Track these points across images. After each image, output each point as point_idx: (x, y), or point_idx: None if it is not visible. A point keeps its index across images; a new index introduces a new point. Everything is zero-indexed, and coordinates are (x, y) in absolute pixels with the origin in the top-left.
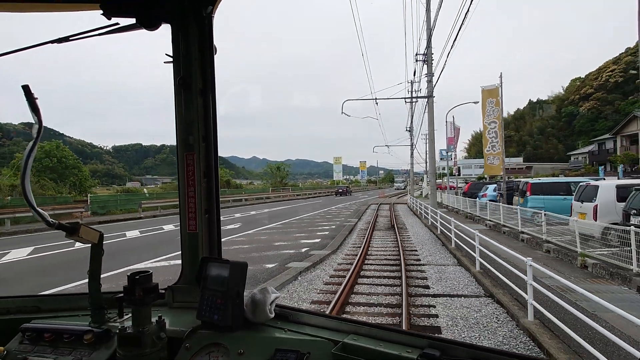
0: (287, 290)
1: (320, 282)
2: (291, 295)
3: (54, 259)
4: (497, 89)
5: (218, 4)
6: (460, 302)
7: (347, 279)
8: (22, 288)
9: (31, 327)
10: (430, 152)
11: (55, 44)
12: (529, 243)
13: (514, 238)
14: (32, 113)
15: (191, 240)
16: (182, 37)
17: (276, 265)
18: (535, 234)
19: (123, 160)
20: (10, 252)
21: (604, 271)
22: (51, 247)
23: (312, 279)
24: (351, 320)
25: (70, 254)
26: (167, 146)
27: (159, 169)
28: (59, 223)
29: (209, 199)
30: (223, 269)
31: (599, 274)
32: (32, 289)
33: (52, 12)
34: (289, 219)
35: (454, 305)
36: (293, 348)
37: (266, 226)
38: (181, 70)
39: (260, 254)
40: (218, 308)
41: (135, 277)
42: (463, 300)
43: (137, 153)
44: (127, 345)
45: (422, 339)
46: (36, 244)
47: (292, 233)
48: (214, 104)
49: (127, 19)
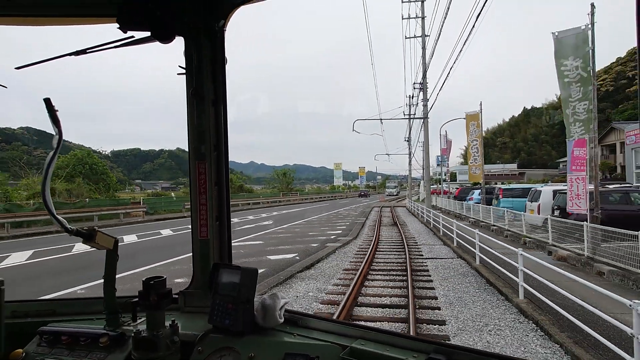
0: (331, 258)
1: (351, 254)
2: (334, 261)
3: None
4: (478, 114)
5: (230, 18)
6: (441, 261)
7: (369, 252)
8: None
9: (48, 330)
10: (425, 162)
11: (73, 56)
12: (496, 232)
13: (486, 229)
14: (53, 125)
15: (202, 247)
16: (195, 50)
17: (318, 245)
18: (500, 226)
19: (122, 164)
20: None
21: (535, 245)
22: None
23: (345, 252)
24: (359, 326)
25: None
26: (166, 151)
27: (158, 174)
28: (76, 230)
29: (220, 206)
30: (234, 274)
31: (531, 247)
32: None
33: (70, 26)
34: (308, 218)
35: (438, 262)
36: (302, 352)
37: (293, 223)
38: (194, 82)
39: (303, 239)
40: (229, 313)
41: (150, 283)
42: (443, 260)
43: (135, 158)
44: (142, 349)
45: (428, 344)
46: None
47: (318, 227)
48: (225, 113)
49: (142, 33)
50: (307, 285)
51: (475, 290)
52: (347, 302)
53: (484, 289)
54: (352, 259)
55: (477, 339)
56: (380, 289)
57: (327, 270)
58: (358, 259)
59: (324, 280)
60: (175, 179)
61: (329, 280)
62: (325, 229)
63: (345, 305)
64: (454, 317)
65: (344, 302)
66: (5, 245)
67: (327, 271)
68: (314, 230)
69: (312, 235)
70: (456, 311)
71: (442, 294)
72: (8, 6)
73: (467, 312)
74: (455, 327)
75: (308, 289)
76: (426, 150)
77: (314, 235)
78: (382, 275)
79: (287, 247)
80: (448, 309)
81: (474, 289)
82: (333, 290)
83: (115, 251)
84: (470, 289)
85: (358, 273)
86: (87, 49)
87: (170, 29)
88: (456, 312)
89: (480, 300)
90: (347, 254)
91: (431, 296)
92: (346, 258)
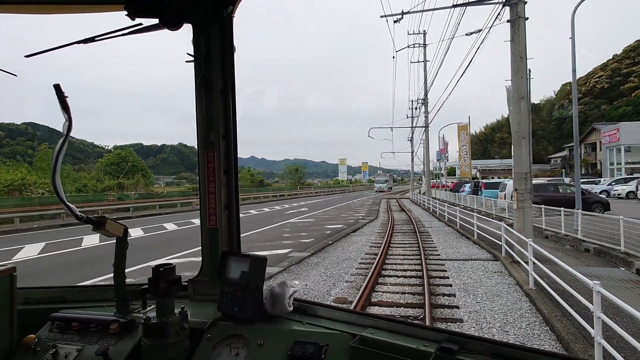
0: (366, 227)
1: (377, 225)
2: (368, 228)
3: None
4: (467, 126)
5: (238, 4)
6: (436, 228)
7: (390, 224)
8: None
9: (60, 317)
10: (426, 162)
11: (82, 44)
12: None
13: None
14: (63, 111)
15: (211, 235)
16: (203, 37)
17: (352, 221)
18: (480, 209)
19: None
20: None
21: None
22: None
23: (373, 225)
24: (369, 315)
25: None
26: (168, 146)
27: (160, 169)
28: (86, 217)
29: (229, 195)
30: (243, 263)
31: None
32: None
33: (78, 14)
34: (333, 206)
35: (434, 228)
36: (311, 340)
37: (324, 209)
38: (202, 70)
39: (340, 218)
40: (238, 301)
41: (160, 270)
42: (436, 227)
43: (138, 153)
44: (153, 335)
45: (440, 333)
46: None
47: (345, 212)
48: (234, 102)
49: (150, 20)
50: (359, 238)
51: (454, 237)
52: (385, 245)
53: (459, 237)
54: (378, 228)
55: (450, 251)
56: (402, 239)
57: (366, 231)
58: (383, 228)
59: (366, 237)
60: (178, 174)
61: (370, 237)
62: (351, 212)
63: (384, 246)
64: (441, 245)
65: (383, 245)
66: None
67: (366, 232)
68: (344, 214)
69: (345, 217)
70: (443, 244)
71: (436, 239)
72: None
73: (448, 244)
74: (442, 250)
75: (360, 240)
76: (426, 153)
77: (346, 217)
78: (401, 234)
79: (334, 222)
80: (439, 243)
81: (453, 237)
82: (375, 240)
83: (125, 239)
84: (451, 237)
85: (387, 233)
86: (96, 36)
87: (178, 15)
88: (443, 244)
89: (455, 240)
90: (375, 225)
91: (430, 240)
92: (375, 227)
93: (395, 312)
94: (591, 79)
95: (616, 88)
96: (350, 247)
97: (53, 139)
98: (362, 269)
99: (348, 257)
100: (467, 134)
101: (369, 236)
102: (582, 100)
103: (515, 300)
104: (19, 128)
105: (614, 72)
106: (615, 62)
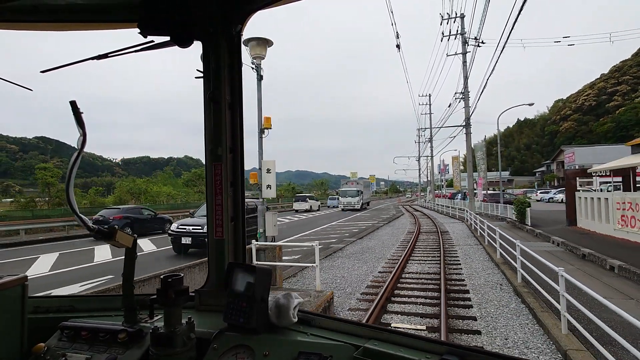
0: (397, 221)
1: (405, 220)
2: (399, 222)
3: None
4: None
5: (247, 22)
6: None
7: (415, 219)
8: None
9: (69, 325)
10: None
11: (95, 60)
12: None
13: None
14: (78, 126)
15: (218, 246)
16: (213, 55)
17: (384, 219)
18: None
19: (132, 172)
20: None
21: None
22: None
23: (401, 220)
24: (372, 326)
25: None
26: (175, 158)
27: (167, 181)
28: (98, 228)
29: (235, 207)
30: (249, 274)
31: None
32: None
33: (92, 31)
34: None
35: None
36: (316, 351)
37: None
38: (211, 86)
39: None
40: (244, 311)
41: (168, 280)
42: (441, 218)
43: (145, 165)
44: (160, 345)
45: (441, 345)
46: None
47: (377, 215)
48: (241, 117)
49: (162, 37)
50: (396, 224)
51: (451, 221)
52: (416, 230)
53: (454, 222)
54: (405, 221)
55: (447, 226)
56: (425, 225)
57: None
58: (411, 220)
59: (399, 225)
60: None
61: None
62: (382, 215)
63: (415, 230)
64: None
65: (416, 231)
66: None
67: (399, 224)
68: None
69: (380, 218)
70: (444, 223)
71: (440, 222)
72: (34, 12)
73: (446, 222)
74: (442, 226)
75: (397, 226)
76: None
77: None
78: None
79: (373, 220)
80: (442, 224)
81: (451, 221)
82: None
83: (134, 249)
84: (449, 220)
85: (416, 222)
86: (109, 53)
87: (189, 33)
88: (444, 223)
89: (451, 223)
90: (403, 220)
91: (438, 222)
92: (404, 221)
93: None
94: (581, 96)
95: (602, 106)
96: (386, 230)
97: (64, 152)
98: (402, 236)
99: (393, 232)
100: (457, 162)
101: (400, 226)
102: (572, 117)
103: (473, 242)
104: (31, 142)
105: (601, 90)
106: (602, 82)
